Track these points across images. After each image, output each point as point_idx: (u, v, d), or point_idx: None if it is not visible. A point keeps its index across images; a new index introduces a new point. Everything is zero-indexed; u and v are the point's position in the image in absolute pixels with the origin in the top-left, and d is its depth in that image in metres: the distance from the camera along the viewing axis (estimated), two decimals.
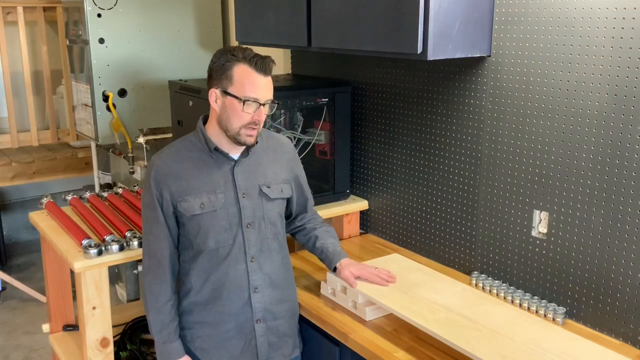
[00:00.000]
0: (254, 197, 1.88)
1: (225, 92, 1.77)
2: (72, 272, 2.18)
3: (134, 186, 2.84)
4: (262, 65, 1.77)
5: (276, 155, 1.97)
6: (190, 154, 1.87)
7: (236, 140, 1.82)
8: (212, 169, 1.86)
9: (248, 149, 1.88)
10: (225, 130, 1.81)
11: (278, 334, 1.96)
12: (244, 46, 1.84)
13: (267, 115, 1.86)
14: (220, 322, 1.90)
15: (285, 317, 1.98)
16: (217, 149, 1.85)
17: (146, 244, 1.89)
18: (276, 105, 1.87)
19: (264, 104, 1.79)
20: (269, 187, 1.91)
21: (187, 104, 2.50)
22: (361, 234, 2.71)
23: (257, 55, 1.78)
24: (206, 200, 1.83)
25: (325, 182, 2.64)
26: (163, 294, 1.86)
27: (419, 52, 1.82)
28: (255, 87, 1.76)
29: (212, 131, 1.86)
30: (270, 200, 1.91)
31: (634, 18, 1.65)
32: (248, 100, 1.76)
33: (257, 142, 1.89)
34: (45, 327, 2.68)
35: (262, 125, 1.83)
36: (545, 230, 1.96)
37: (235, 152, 1.88)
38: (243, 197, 1.86)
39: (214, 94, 1.81)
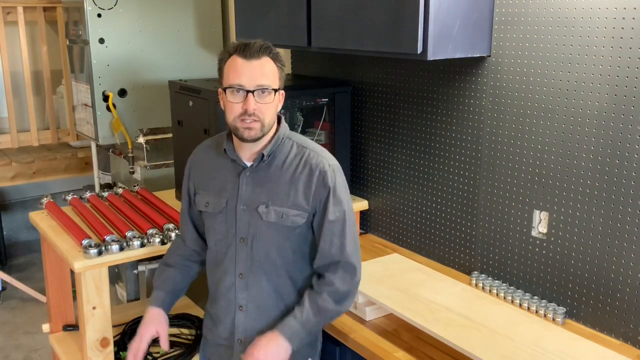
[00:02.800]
0: (252, 212, 1.71)
1: (222, 90, 1.68)
2: (72, 272, 2.18)
3: (134, 186, 2.84)
4: (245, 49, 1.60)
5: (296, 176, 1.69)
6: (215, 151, 1.80)
7: (238, 137, 1.66)
8: (225, 171, 1.76)
9: (262, 158, 1.69)
10: (229, 128, 1.70)
11: None
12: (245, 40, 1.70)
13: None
14: (214, 326, 1.84)
15: None
16: (225, 150, 1.74)
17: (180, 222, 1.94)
18: (270, 91, 1.62)
19: (253, 91, 1.60)
20: (266, 207, 1.69)
21: (187, 104, 2.49)
22: (361, 234, 2.71)
23: (244, 42, 1.63)
24: (211, 201, 1.77)
25: None
26: (168, 259, 1.91)
27: (419, 52, 1.82)
28: (238, 73, 1.60)
29: None
30: (263, 222, 1.70)
31: (634, 18, 1.65)
32: (231, 87, 1.61)
33: (269, 155, 1.69)
34: (45, 327, 2.67)
35: (265, 117, 1.63)
36: (545, 230, 1.96)
37: (249, 160, 1.73)
38: (242, 209, 1.72)
39: (220, 95, 1.70)
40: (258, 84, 1.61)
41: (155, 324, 1.83)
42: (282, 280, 1.74)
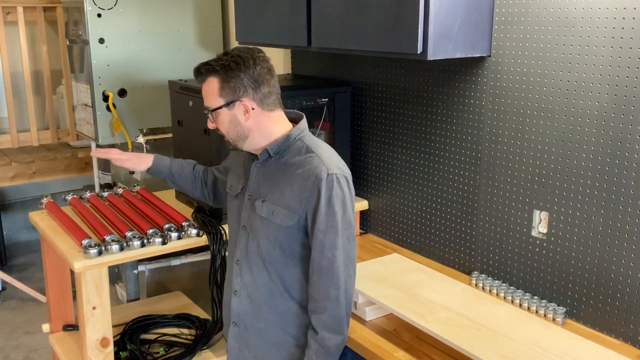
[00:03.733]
0: (252, 203, 1.78)
1: None
2: (72, 272, 2.18)
3: (134, 186, 2.83)
4: (194, 73, 1.74)
5: (294, 178, 1.70)
6: None
7: None
8: (247, 159, 1.85)
9: (268, 154, 1.75)
10: None
11: (248, 348, 1.83)
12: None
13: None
14: (224, 304, 1.94)
15: (264, 349, 1.82)
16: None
17: None
18: (208, 113, 1.74)
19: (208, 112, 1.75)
20: (262, 202, 1.74)
21: (187, 104, 2.49)
22: (361, 234, 2.71)
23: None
24: (233, 184, 1.89)
25: None
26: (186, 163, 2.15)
27: (419, 52, 1.82)
28: None
29: None
30: (257, 215, 1.75)
31: (634, 18, 1.65)
32: None
33: (276, 153, 1.74)
34: (45, 327, 2.68)
35: (224, 132, 1.75)
36: (545, 230, 1.96)
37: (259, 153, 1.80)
38: (248, 198, 1.80)
39: None
40: (205, 107, 1.76)
41: (136, 157, 2.13)
42: (272, 279, 1.75)
